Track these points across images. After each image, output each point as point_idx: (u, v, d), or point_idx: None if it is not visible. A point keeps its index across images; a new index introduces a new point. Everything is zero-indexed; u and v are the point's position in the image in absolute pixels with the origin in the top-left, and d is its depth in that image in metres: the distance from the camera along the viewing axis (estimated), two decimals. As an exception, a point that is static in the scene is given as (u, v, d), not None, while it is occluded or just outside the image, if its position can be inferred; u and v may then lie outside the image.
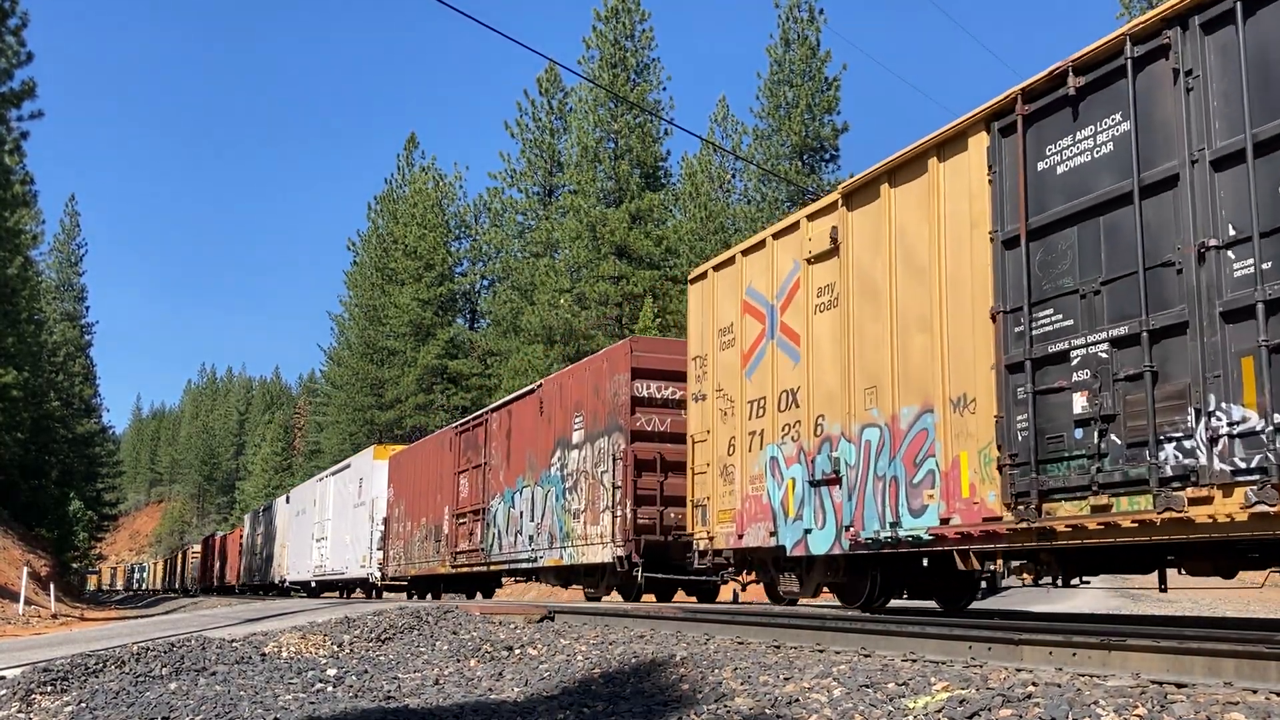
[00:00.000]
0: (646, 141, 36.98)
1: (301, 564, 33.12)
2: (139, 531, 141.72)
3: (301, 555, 33.19)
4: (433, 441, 22.32)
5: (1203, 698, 3.74)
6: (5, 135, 27.97)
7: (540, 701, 5.09)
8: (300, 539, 33.77)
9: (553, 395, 15.88)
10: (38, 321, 45.34)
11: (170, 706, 5.35)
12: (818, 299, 9.76)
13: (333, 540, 29.10)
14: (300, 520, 34.11)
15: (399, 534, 23.46)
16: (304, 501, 33.96)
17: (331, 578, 29.33)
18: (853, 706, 4.21)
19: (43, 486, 47.02)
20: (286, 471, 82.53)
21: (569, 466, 14.97)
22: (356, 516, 26.71)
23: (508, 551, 17.02)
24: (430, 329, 45.70)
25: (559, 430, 15.43)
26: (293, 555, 35.11)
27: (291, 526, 35.80)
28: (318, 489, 31.80)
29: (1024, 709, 3.76)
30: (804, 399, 9.82)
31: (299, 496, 35.64)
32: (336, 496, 29.27)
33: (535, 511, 15.95)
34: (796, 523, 9.74)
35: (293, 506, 36.27)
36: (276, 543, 38.73)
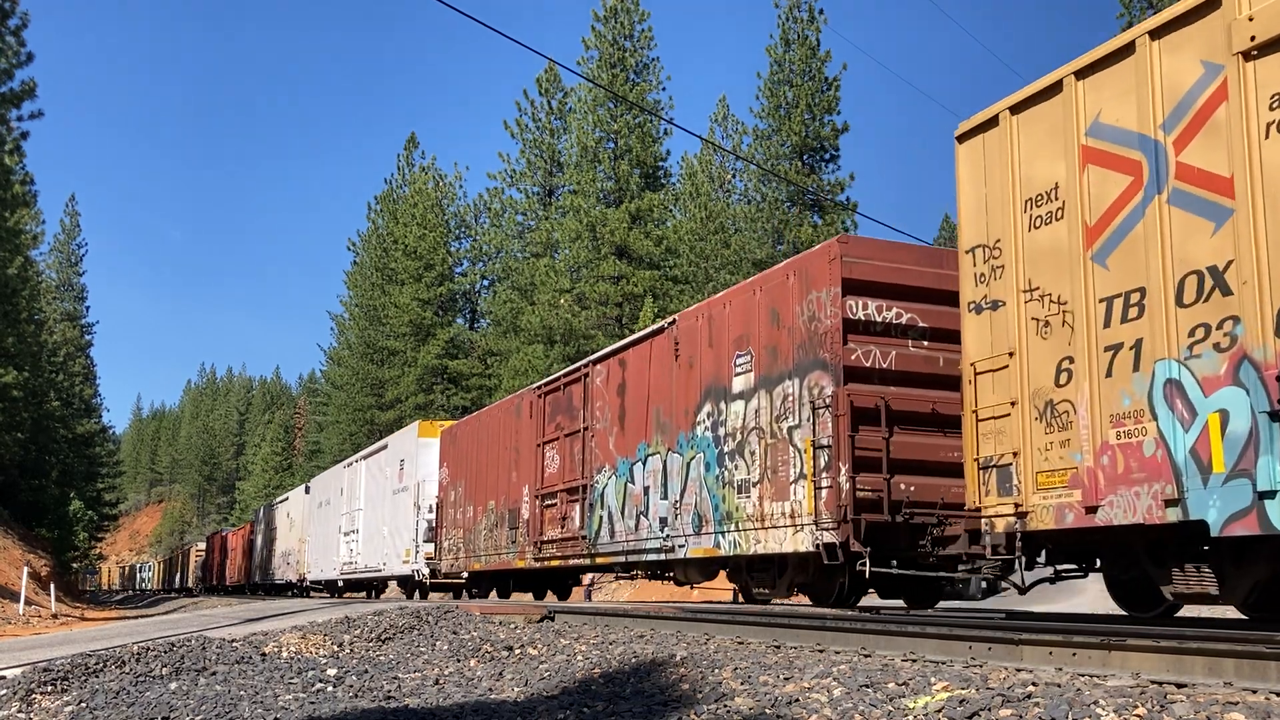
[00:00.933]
0: (646, 141, 37.00)
1: (325, 561, 30.44)
2: (139, 531, 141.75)
3: (325, 551, 30.49)
4: (501, 409, 18.49)
5: (1203, 698, 3.75)
6: (5, 135, 27.99)
7: (540, 701, 5.09)
8: (324, 533, 31.12)
9: (696, 332, 12.01)
10: (38, 321, 45.34)
11: (170, 706, 5.35)
12: (1272, 113, 6.13)
13: (365, 533, 26.27)
14: (324, 512, 31.47)
15: (456, 522, 19.96)
16: (328, 491, 31.22)
17: (365, 575, 26.48)
18: (853, 706, 4.21)
19: (43, 486, 47.03)
20: (286, 471, 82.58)
21: (729, 424, 11.20)
22: (397, 504, 23.58)
23: (624, 539, 13.36)
24: (430, 329, 45.73)
25: (708, 377, 11.66)
26: (314, 552, 32.46)
27: (313, 520, 33.12)
28: (345, 476, 28.85)
29: (1024, 709, 3.76)
30: (1247, 277, 6.13)
31: (322, 486, 32.54)
32: (370, 483, 26.31)
33: (670, 486, 12.31)
34: (1235, 483, 6.10)
35: (314, 497, 33.37)
36: (294, 538, 36.02)
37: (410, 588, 23.45)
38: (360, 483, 27.05)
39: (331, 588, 31.54)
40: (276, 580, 39.13)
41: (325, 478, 32.75)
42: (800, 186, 32.39)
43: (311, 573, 32.36)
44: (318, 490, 32.94)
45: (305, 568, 33.46)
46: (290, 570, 35.93)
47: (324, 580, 31.09)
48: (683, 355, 12.27)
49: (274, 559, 39.68)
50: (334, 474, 31.16)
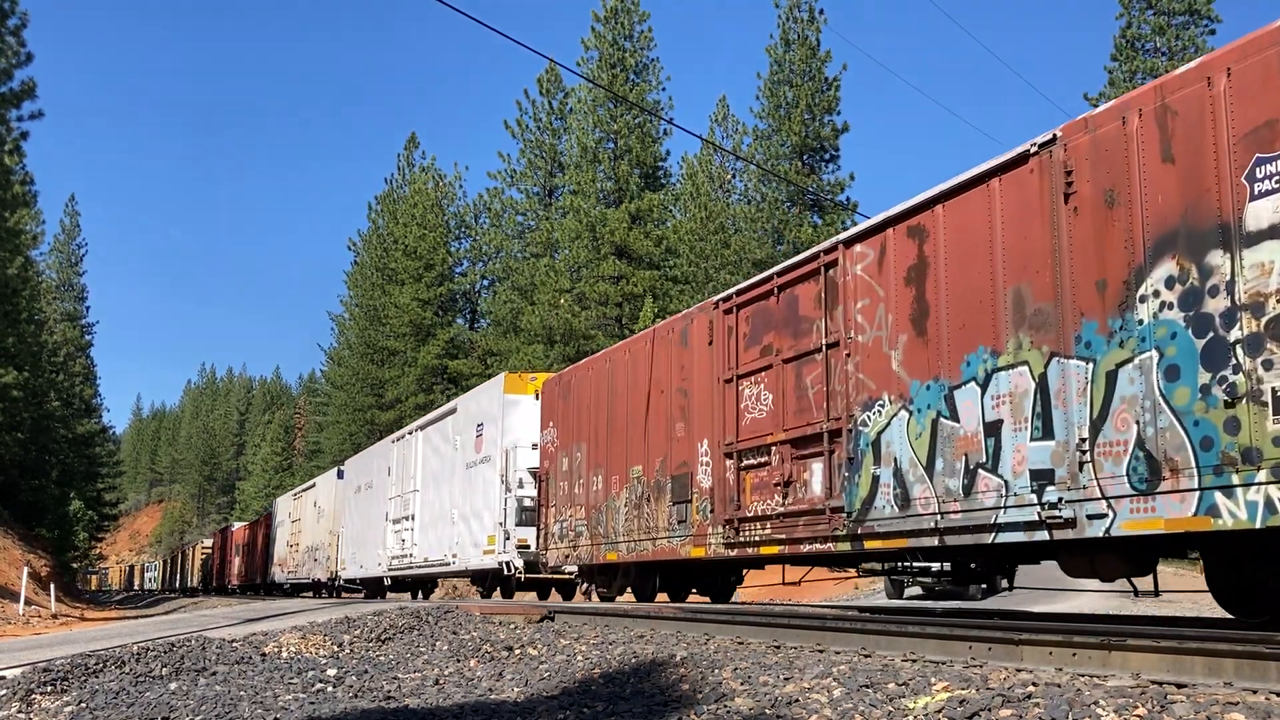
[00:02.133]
0: (646, 141, 37.02)
1: (367, 555, 25.94)
2: (139, 531, 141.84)
3: (367, 544, 26.01)
4: (644, 342, 13.66)
5: (1203, 698, 3.74)
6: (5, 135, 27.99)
7: (540, 701, 5.09)
8: (364, 523, 26.67)
9: (1122, 143, 7.06)
10: (38, 321, 45.37)
11: (170, 706, 5.35)
12: None
13: (425, 519, 21.81)
14: (364, 499, 26.98)
15: (571, 498, 15.17)
16: (368, 473, 26.90)
17: (425, 570, 21.71)
18: (853, 707, 4.21)
19: (43, 486, 47.07)
20: (286, 471, 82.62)
21: (1241, 288, 6.24)
22: (474, 480, 18.82)
23: (934, 509, 8.32)
24: (430, 329, 45.74)
25: (1168, 213, 6.73)
26: (351, 545, 27.93)
27: (349, 508, 28.66)
28: (395, 452, 24.56)
29: (1024, 709, 3.76)
30: None
31: (361, 468, 28.10)
32: (431, 457, 21.85)
33: (1057, 416, 7.33)
34: None
35: (349, 482, 29.12)
36: (322, 530, 31.65)
37: (492, 584, 19.21)
38: (415, 458, 22.65)
39: (374, 586, 26.67)
40: (300, 579, 34.62)
41: (365, 458, 28.17)
42: (800, 186, 32.39)
43: (348, 569, 28.01)
44: (355, 473, 28.66)
45: (339, 564, 29.02)
46: (319, 568, 31.53)
47: (365, 578, 26.54)
48: (1086, 190, 7.28)
49: (296, 555, 35.51)
50: (377, 452, 26.54)
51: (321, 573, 31.16)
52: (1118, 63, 32.25)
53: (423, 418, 24.05)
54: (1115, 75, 31.99)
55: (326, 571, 30.40)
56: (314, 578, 32.31)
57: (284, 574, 37.62)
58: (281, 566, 38.25)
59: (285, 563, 37.53)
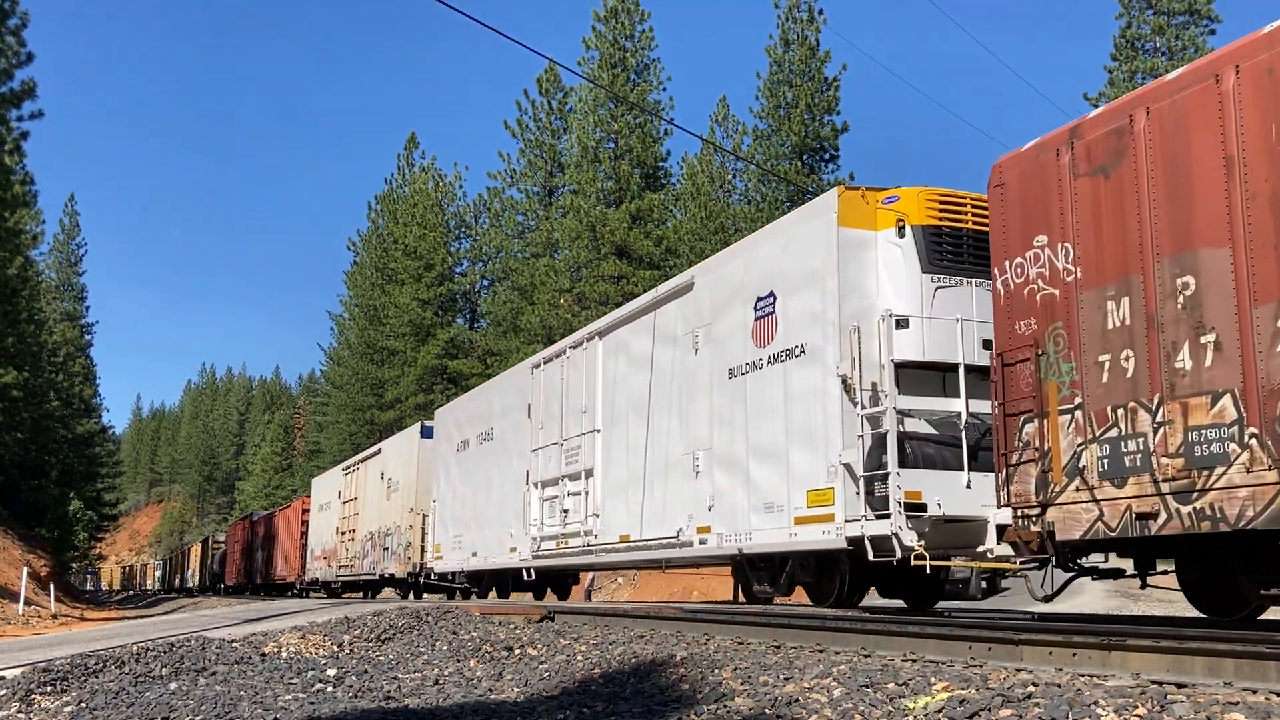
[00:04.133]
0: (646, 141, 37.00)
1: (487, 538, 18.12)
2: (139, 531, 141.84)
3: (487, 522, 18.29)
4: None
5: (1203, 698, 3.74)
6: (5, 135, 28.00)
7: (540, 702, 5.09)
8: (478, 491, 18.87)
9: None
10: (38, 321, 45.37)
11: (170, 706, 5.35)
12: None
13: (621, 473, 13.96)
14: (476, 458, 19.21)
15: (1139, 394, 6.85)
16: (481, 419, 19.14)
17: (632, 553, 13.76)
18: (853, 706, 4.21)
19: (43, 486, 47.05)
20: (286, 471, 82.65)
21: None
22: (760, 394, 11.03)
23: None
24: (430, 329, 45.73)
25: None
26: (453, 526, 19.96)
27: (446, 475, 20.91)
28: (539, 383, 16.75)
29: (1024, 709, 3.76)
30: None
31: (466, 415, 20.18)
32: (630, 375, 13.96)
33: None
34: None
35: (445, 438, 21.34)
36: (397, 510, 24.36)
37: (820, 575, 10.81)
38: (591, 382, 14.86)
39: (496, 582, 18.94)
40: (358, 575, 27.32)
41: (475, 399, 20.51)
42: (800, 186, 32.39)
43: (446, 559, 20.27)
44: (455, 424, 20.83)
45: (427, 553, 21.68)
46: (391, 559, 24.26)
47: (484, 569, 18.56)
48: None
49: (351, 545, 28.11)
50: (501, 387, 18.79)
51: (397, 565, 23.71)
52: (1118, 63, 32.26)
53: (602, 319, 15.45)
54: (1115, 75, 31.99)
55: (405, 563, 23.02)
56: (383, 572, 24.87)
57: (330, 569, 30.29)
58: (327, 560, 30.90)
59: (332, 555, 30.12)
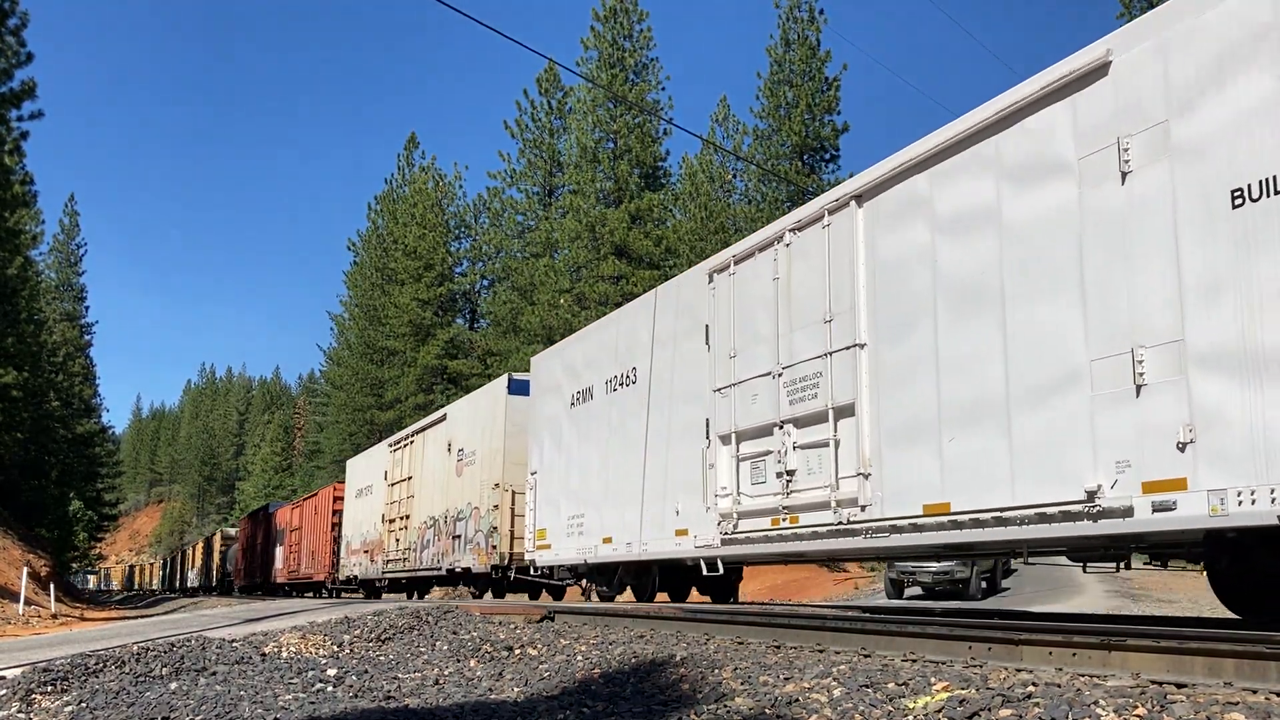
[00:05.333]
0: (646, 141, 37.00)
1: (626, 518, 13.19)
2: (139, 531, 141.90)
3: (623, 497, 13.29)
4: None
5: (1203, 698, 3.74)
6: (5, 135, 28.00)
7: (540, 701, 5.09)
8: (633, 458, 13.19)
9: None
10: (38, 321, 45.37)
11: (170, 706, 5.35)
12: None
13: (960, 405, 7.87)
14: (625, 407, 13.53)
15: None
16: (629, 356, 13.60)
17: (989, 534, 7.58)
18: (853, 706, 4.21)
19: (43, 486, 47.04)
20: (286, 472, 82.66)
21: None
22: None
23: None
24: (430, 329, 45.73)
25: None
26: (571, 502, 14.82)
27: (554, 438, 15.52)
28: (765, 275, 10.63)
29: (1024, 709, 3.76)
30: None
31: (598, 352, 14.55)
32: (1073, 217, 7.01)
33: None
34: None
35: (550, 388, 15.93)
36: (472, 488, 19.21)
37: None
38: (858, 267, 9.24)
39: (640, 578, 14.10)
40: (412, 571, 22.66)
41: (609, 331, 14.46)
42: (800, 186, 32.39)
43: (558, 549, 14.98)
44: (576, 367, 15.16)
45: (530, 542, 16.01)
46: (465, 551, 19.11)
47: (632, 559, 13.16)
48: None
49: (404, 535, 23.38)
50: (664, 307, 12.88)
51: (475, 557, 18.63)
52: (1118, 63, 32.21)
53: (860, 175, 9.42)
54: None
55: (487, 554, 18.00)
56: (454, 566, 19.68)
57: (373, 565, 25.79)
58: (369, 554, 26.29)
59: (377, 548, 25.53)
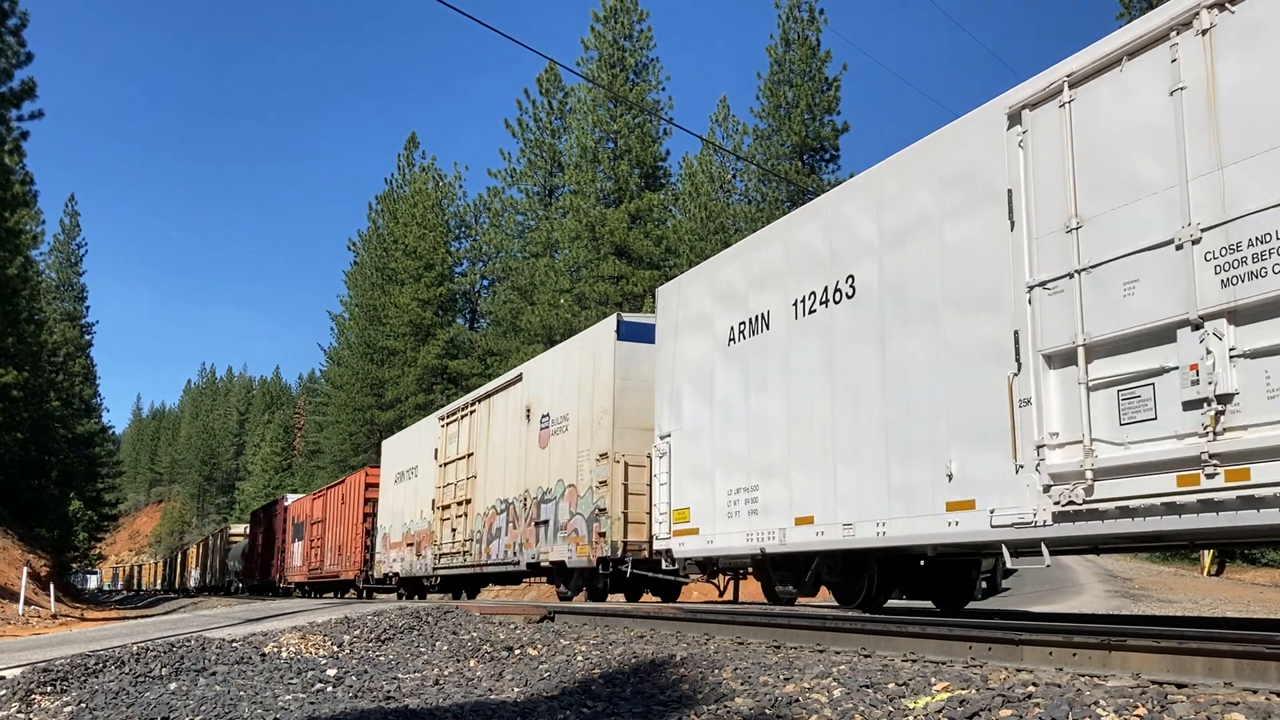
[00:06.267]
0: (646, 141, 37.00)
1: (901, 487, 8.84)
2: (139, 531, 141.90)
3: (902, 454, 8.82)
4: None
5: (1203, 698, 3.74)
6: (5, 135, 28.01)
7: (540, 702, 5.08)
8: (846, 406, 9.50)
9: None
10: (38, 321, 45.37)
11: (170, 706, 5.34)
12: None
13: None
14: (832, 333, 9.79)
15: None
16: (838, 260, 9.80)
17: None
18: (853, 707, 4.21)
19: (43, 486, 47.03)
20: (286, 471, 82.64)
21: None
22: None
23: None
24: (430, 329, 45.73)
25: None
26: (758, 470, 10.67)
27: (716, 388, 11.60)
28: (1157, 90, 6.74)
29: (1024, 709, 3.75)
30: None
31: (778, 262, 10.70)
32: None
33: None
34: None
35: (734, 310, 11.38)
36: (565, 460, 15.74)
37: None
38: None
39: (854, 568, 10.17)
40: (473, 566, 19.42)
41: (794, 232, 10.65)
42: (800, 186, 32.39)
43: (714, 533, 11.47)
44: (736, 290, 11.50)
45: (663, 527, 12.61)
46: (557, 540, 15.79)
47: (840, 548, 9.62)
48: None
49: (463, 525, 20.07)
50: (911, 174, 9.05)
51: (569, 549, 15.32)
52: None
53: None
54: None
55: (592, 545, 14.60)
56: (541, 559, 16.28)
57: (420, 560, 22.47)
58: (414, 547, 23.09)
59: (425, 540, 22.24)
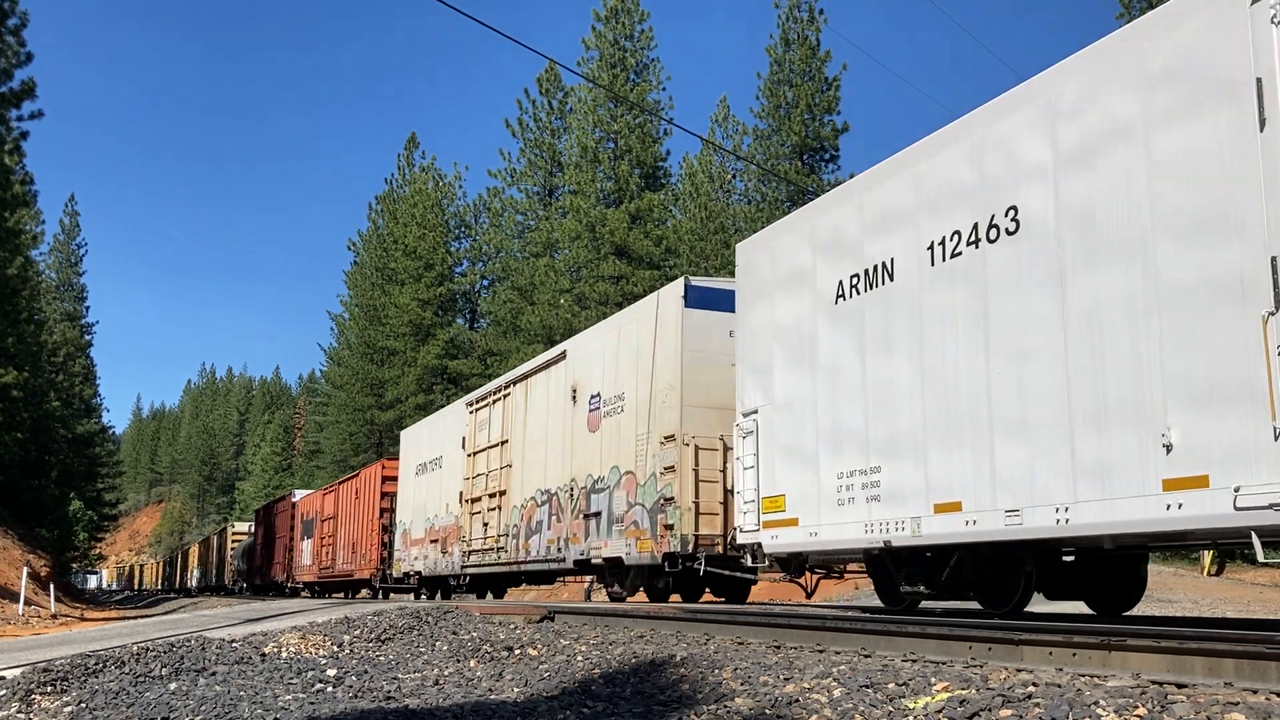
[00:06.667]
0: (646, 142, 37.01)
1: (1101, 464, 7.05)
2: (139, 531, 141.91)
3: (1124, 417, 6.91)
4: None
5: (1203, 698, 3.74)
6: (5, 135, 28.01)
7: (540, 702, 5.08)
8: (1116, 349, 7.03)
9: None
10: (38, 321, 45.39)
11: (170, 707, 5.34)
12: None
13: None
14: (1037, 265, 7.66)
15: None
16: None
17: None
18: (853, 707, 4.21)
19: (43, 486, 47.05)
20: (286, 471, 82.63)
21: None
22: None
23: None
24: (430, 329, 45.72)
25: None
26: (877, 449, 9.00)
27: (818, 354, 9.87)
28: None
29: (1024, 709, 3.75)
30: None
31: (936, 184, 8.67)
32: None
33: None
34: None
35: (861, 247, 9.40)
36: (646, 444, 13.39)
37: None
38: None
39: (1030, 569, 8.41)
40: (509, 564, 17.66)
41: (980, 129, 8.44)
42: (800, 186, 32.38)
43: (818, 523, 9.63)
44: (882, 206, 9.28)
45: (748, 518, 10.65)
46: (611, 534, 14.01)
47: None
48: None
49: (496, 519, 18.31)
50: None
51: (627, 544, 13.53)
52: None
53: None
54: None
55: (654, 540, 12.75)
56: (588, 556, 14.57)
57: (447, 558, 20.87)
58: (439, 543, 21.50)
59: (452, 535, 20.66)
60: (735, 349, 11.44)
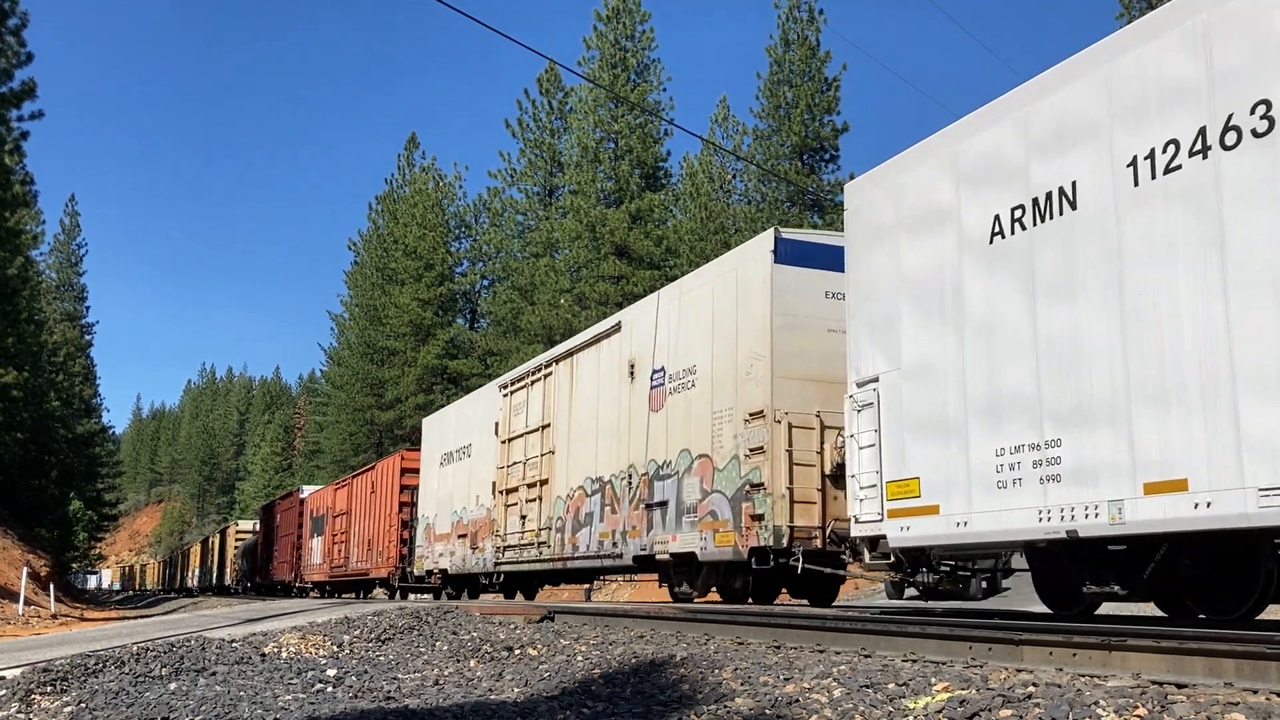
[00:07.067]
0: (646, 142, 37.01)
1: None
2: (139, 531, 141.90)
3: None
4: None
5: (1203, 698, 3.74)
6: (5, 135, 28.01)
7: (540, 702, 5.08)
8: None
9: None
10: (38, 321, 45.41)
11: (170, 707, 5.34)
12: None
13: None
14: None
15: None
16: None
17: None
18: (853, 707, 4.21)
19: (43, 486, 47.07)
20: (286, 471, 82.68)
21: None
22: None
23: None
24: (430, 329, 45.73)
25: None
26: (1089, 416, 7.13)
27: (1007, 305, 7.86)
28: None
29: (1024, 709, 3.75)
30: None
31: (1141, 85, 7.12)
32: None
33: None
34: None
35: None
36: (729, 423, 11.70)
37: None
38: None
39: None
40: (550, 561, 16.21)
41: None
42: (800, 186, 32.39)
43: (971, 510, 8.05)
44: (1045, 124, 7.76)
45: (867, 506, 9.21)
46: (682, 526, 12.50)
47: None
48: None
49: (535, 511, 16.87)
50: None
51: (702, 537, 12.11)
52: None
53: None
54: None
55: (739, 533, 11.42)
56: (652, 550, 13.14)
57: (478, 555, 19.27)
58: (468, 539, 19.90)
59: (483, 530, 19.16)
60: (846, 307, 9.75)
